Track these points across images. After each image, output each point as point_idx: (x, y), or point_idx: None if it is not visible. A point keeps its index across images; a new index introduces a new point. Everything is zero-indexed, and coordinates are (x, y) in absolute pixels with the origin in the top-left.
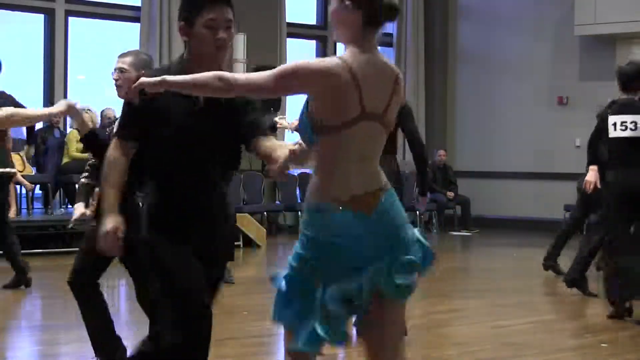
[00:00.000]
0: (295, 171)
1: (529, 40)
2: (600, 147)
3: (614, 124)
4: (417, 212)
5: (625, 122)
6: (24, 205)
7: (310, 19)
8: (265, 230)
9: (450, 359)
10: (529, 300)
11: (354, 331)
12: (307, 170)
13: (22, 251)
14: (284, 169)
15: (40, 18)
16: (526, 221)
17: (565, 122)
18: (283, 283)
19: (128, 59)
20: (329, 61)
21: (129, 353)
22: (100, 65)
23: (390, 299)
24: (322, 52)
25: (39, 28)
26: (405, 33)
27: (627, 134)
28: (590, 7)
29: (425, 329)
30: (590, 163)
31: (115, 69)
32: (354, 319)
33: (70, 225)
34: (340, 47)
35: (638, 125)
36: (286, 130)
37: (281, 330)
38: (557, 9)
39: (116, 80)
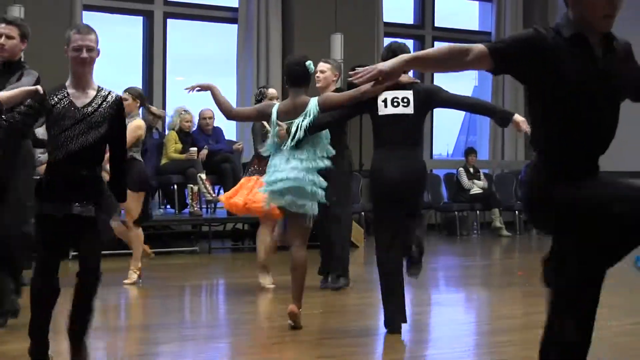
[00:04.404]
0: None
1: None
2: None
3: None
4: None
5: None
6: None
7: (408, 18)
8: (362, 230)
9: None
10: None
11: None
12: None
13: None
14: None
15: (139, 20)
16: None
17: None
18: None
19: None
20: None
21: None
22: (198, 66)
23: None
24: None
25: (138, 30)
26: (504, 27)
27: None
28: None
29: (525, 329)
30: None
31: None
32: None
33: None
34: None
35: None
36: None
37: (380, 331)
38: None
39: None
